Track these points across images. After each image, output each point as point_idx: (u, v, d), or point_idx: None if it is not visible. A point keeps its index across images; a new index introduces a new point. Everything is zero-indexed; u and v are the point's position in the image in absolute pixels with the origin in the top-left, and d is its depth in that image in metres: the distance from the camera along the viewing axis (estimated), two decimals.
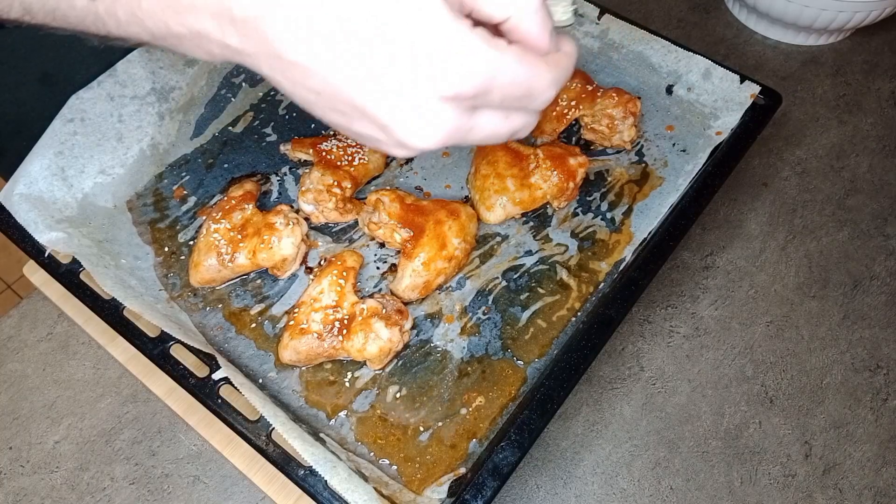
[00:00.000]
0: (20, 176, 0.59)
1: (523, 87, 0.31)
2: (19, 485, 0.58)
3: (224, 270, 0.58)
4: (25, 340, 0.65)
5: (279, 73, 0.31)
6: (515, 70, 0.30)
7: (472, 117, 0.31)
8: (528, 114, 0.34)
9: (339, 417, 0.54)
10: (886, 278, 0.68)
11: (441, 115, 0.30)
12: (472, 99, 0.30)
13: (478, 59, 0.28)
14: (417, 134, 0.30)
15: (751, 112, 0.65)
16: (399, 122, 0.30)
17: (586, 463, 0.59)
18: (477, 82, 0.29)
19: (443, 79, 0.28)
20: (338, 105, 0.31)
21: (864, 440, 0.60)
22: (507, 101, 0.31)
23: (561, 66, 0.33)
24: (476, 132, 0.32)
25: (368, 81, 0.29)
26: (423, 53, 0.28)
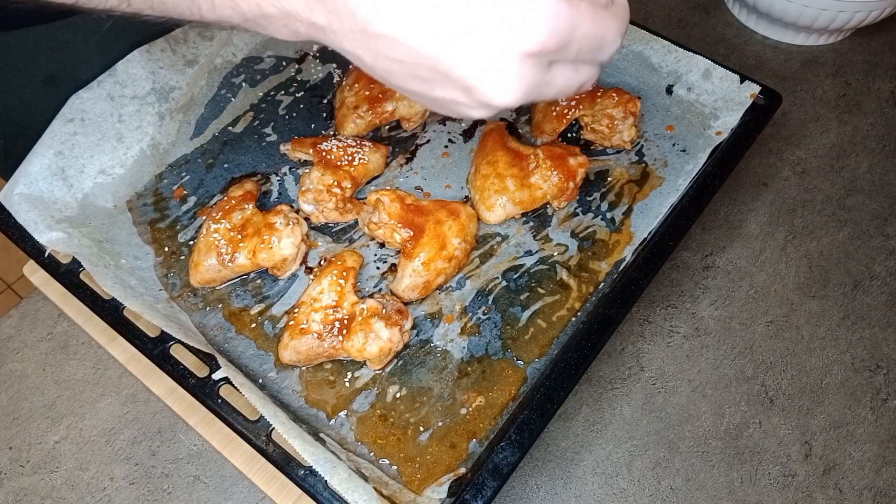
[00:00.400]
0: (20, 176, 0.59)
1: (597, 38, 0.32)
2: (19, 485, 0.58)
3: (224, 270, 0.58)
4: (25, 340, 0.65)
5: (363, 47, 0.32)
6: (590, 23, 0.31)
7: (549, 72, 0.32)
8: (594, 66, 0.35)
9: (339, 417, 0.54)
10: (886, 278, 0.68)
11: (522, 71, 0.31)
12: (552, 54, 0.31)
13: (557, 15, 0.29)
14: (501, 91, 0.31)
15: (751, 112, 0.65)
16: (483, 82, 0.31)
17: (586, 463, 0.59)
18: (558, 37, 0.30)
19: (526, 36, 0.29)
20: (420, 72, 0.32)
21: (864, 440, 0.60)
22: (581, 54, 0.33)
23: (622, 16, 0.34)
24: (551, 86, 0.33)
25: (453, 44, 0.30)
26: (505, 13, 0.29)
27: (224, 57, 0.71)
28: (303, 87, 0.73)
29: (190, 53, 0.68)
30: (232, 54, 0.72)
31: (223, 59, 0.71)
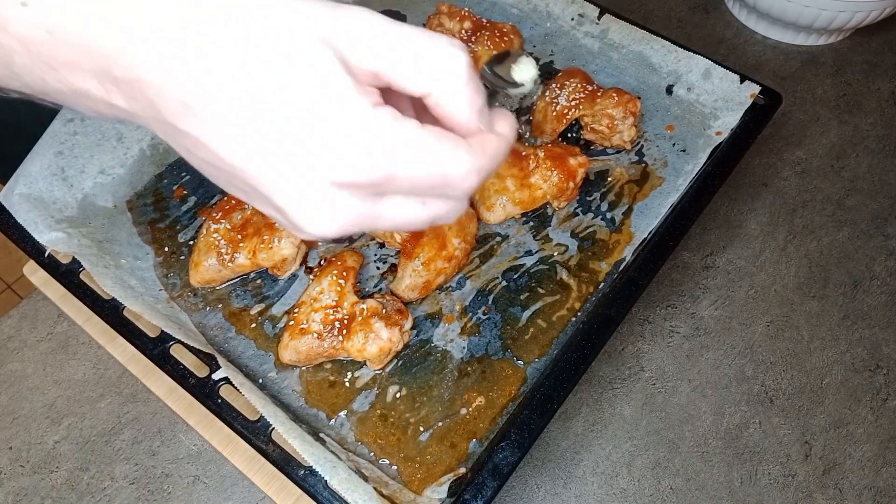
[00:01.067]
0: (20, 176, 0.59)
1: (435, 175, 0.27)
2: (19, 485, 0.58)
3: (224, 270, 0.58)
4: (25, 340, 0.65)
5: (173, 141, 0.28)
6: (422, 157, 0.26)
7: (379, 204, 0.28)
8: (451, 200, 0.30)
9: (339, 417, 0.54)
10: (886, 278, 0.68)
11: (337, 202, 0.26)
12: (374, 187, 0.26)
13: (377, 143, 0.25)
14: (313, 220, 0.27)
15: (751, 112, 0.65)
16: (293, 208, 0.27)
17: (586, 463, 0.59)
18: (375, 169, 0.26)
19: (336, 164, 0.25)
20: (234, 181, 0.28)
21: (864, 440, 0.60)
22: (419, 189, 0.28)
23: (488, 150, 0.29)
24: (386, 219, 0.29)
25: (260, 160, 0.26)
26: (316, 133, 0.25)
27: None
28: None
29: None
30: None
31: None
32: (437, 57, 0.27)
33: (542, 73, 0.35)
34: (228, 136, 0.25)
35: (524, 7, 0.78)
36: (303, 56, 0.25)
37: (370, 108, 0.25)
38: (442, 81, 0.27)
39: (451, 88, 0.27)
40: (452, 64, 0.27)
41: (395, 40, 0.26)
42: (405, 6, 0.80)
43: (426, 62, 0.27)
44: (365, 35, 0.26)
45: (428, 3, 0.80)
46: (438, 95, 0.28)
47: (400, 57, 0.26)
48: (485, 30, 0.72)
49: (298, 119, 0.25)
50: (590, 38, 0.75)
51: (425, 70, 0.27)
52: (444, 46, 0.27)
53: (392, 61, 0.26)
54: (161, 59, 0.24)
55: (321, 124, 0.25)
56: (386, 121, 0.26)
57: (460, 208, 0.31)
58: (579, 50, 0.75)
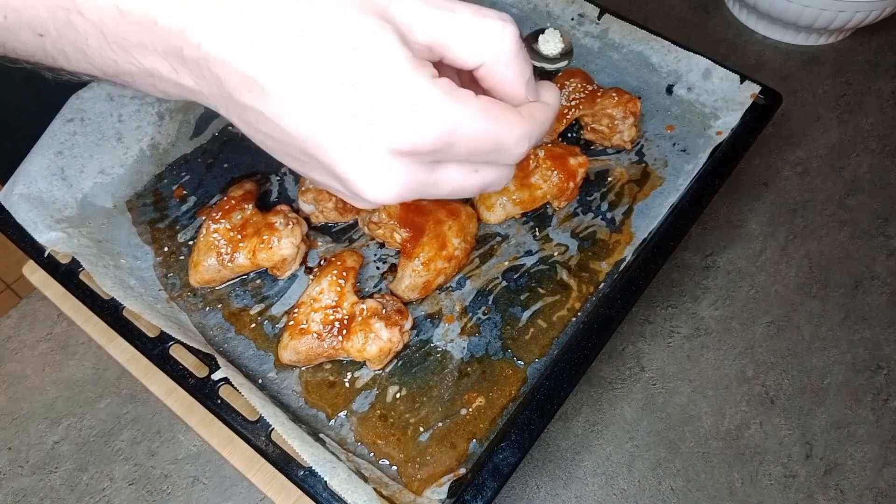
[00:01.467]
0: (20, 176, 0.59)
1: (489, 141, 0.29)
2: (19, 485, 0.58)
3: (224, 270, 0.58)
4: (25, 340, 0.65)
5: (235, 116, 0.29)
6: (479, 124, 0.28)
7: (435, 171, 0.29)
8: (500, 168, 0.32)
9: (338, 418, 0.54)
10: (887, 278, 0.68)
11: (396, 170, 0.28)
12: (432, 154, 0.28)
13: (436, 112, 0.27)
14: (373, 188, 0.28)
15: (751, 112, 0.65)
16: (353, 175, 0.28)
17: (586, 463, 0.59)
18: (434, 137, 0.27)
19: (397, 132, 0.26)
20: (292, 151, 0.29)
21: (866, 440, 0.60)
22: (473, 156, 0.29)
23: (536, 118, 0.31)
24: (441, 186, 0.30)
25: (323, 130, 0.27)
26: (378, 104, 0.26)
27: None
28: None
29: None
30: None
31: None
32: (488, 30, 0.28)
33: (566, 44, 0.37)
34: (293, 109, 0.26)
35: (524, 7, 0.78)
36: (363, 30, 0.26)
37: (427, 78, 0.26)
38: (493, 53, 0.29)
39: (501, 59, 0.29)
40: (502, 36, 0.29)
41: (448, 15, 0.28)
42: None
43: (477, 35, 0.28)
44: (419, 10, 0.27)
45: None
46: (489, 66, 0.29)
47: (453, 31, 0.28)
48: None
49: (360, 91, 0.26)
50: (590, 38, 0.75)
51: (477, 42, 0.28)
52: (494, 20, 0.29)
53: (445, 35, 0.28)
54: (228, 37, 0.25)
55: (382, 95, 0.26)
56: (443, 91, 0.27)
57: (509, 175, 0.33)
58: (579, 50, 0.75)
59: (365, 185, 0.28)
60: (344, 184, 0.29)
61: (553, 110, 0.32)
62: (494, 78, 0.30)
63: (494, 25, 0.29)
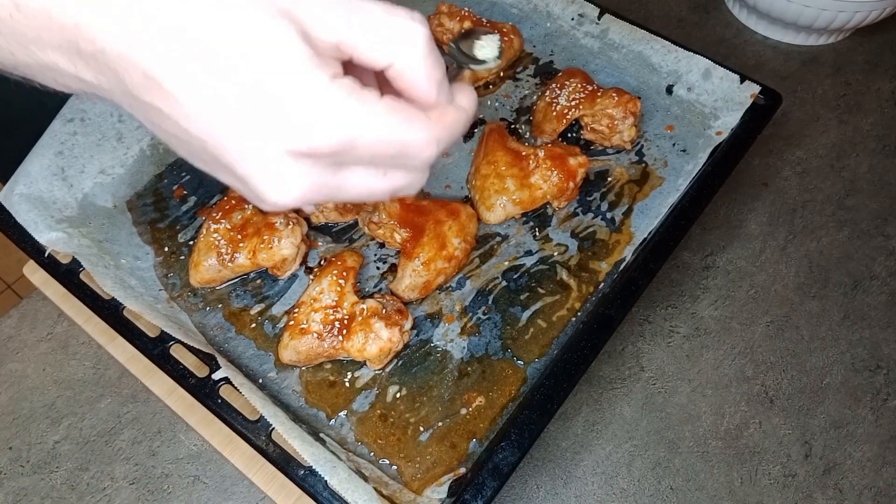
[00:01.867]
0: (20, 176, 0.59)
1: (393, 144, 0.28)
2: (19, 485, 0.58)
3: (224, 270, 0.58)
4: (25, 340, 0.65)
5: (139, 113, 0.28)
6: (381, 127, 0.27)
7: (339, 174, 0.28)
8: (411, 171, 0.31)
9: (339, 417, 0.54)
10: (886, 278, 0.68)
11: (296, 171, 0.27)
12: (332, 156, 0.27)
13: (334, 113, 0.26)
14: (273, 189, 0.27)
15: (751, 112, 0.65)
16: (253, 177, 0.27)
17: (586, 463, 0.59)
18: (332, 139, 0.26)
19: (294, 133, 0.26)
20: (197, 152, 0.28)
21: (865, 440, 0.60)
22: (378, 159, 0.29)
23: (446, 122, 0.30)
24: (347, 189, 0.29)
25: (220, 130, 0.26)
26: (273, 103, 0.25)
27: None
28: None
29: None
30: None
31: None
32: (397, 29, 0.28)
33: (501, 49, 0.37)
34: (190, 107, 0.26)
35: (524, 7, 0.78)
36: (260, 27, 0.25)
37: (327, 78, 0.26)
38: (401, 54, 0.28)
39: (410, 61, 0.28)
40: (412, 37, 0.28)
41: (356, 13, 0.27)
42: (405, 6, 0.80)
43: (386, 35, 0.27)
44: (325, 8, 0.26)
45: (428, 3, 0.80)
46: (398, 67, 0.28)
47: (360, 29, 0.27)
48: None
49: (255, 90, 0.25)
50: (590, 38, 0.75)
51: (385, 42, 0.27)
52: (404, 20, 0.28)
53: (352, 33, 0.27)
54: (124, 32, 0.25)
55: (278, 94, 0.25)
56: (344, 91, 0.26)
57: (421, 180, 0.32)
58: (579, 50, 0.75)
59: (265, 187, 0.27)
60: (245, 185, 0.28)
61: (467, 114, 0.31)
62: (403, 79, 0.29)
63: (403, 24, 0.28)
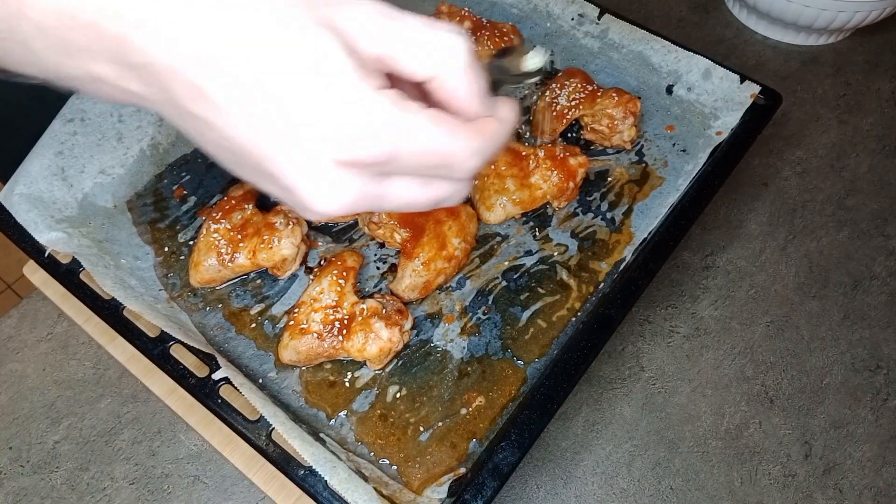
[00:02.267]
0: (20, 176, 0.59)
1: (437, 155, 0.28)
2: (19, 485, 0.58)
3: (224, 270, 0.58)
4: (25, 340, 0.65)
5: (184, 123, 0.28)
6: (426, 137, 0.27)
7: (383, 184, 0.29)
8: (452, 182, 0.31)
9: (339, 417, 0.54)
10: (886, 278, 0.68)
11: (342, 181, 0.27)
12: (377, 166, 0.27)
13: (379, 124, 0.26)
14: (319, 199, 0.28)
15: (751, 112, 0.65)
16: (299, 186, 0.27)
17: (586, 463, 0.59)
18: (377, 149, 0.26)
19: (340, 143, 0.26)
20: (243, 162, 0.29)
21: (865, 440, 0.60)
22: (421, 170, 0.29)
23: (488, 133, 0.30)
24: (390, 199, 0.30)
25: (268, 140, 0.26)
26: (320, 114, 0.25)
27: None
28: None
29: None
30: None
31: None
32: (439, 42, 0.28)
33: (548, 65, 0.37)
34: (237, 118, 0.26)
35: (524, 7, 0.78)
36: (305, 39, 0.25)
37: (372, 89, 0.26)
38: (443, 66, 0.28)
39: (452, 73, 0.28)
40: (453, 49, 0.28)
41: (398, 26, 0.28)
42: (405, 6, 0.80)
43: (428, 47, 0.28)
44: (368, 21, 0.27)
45: (428, 3, 0.80)
46: (441, 79, 0.29)
47: (403, 42, 0.28)
48: (485, 30, 0.72)
49: (302, 100, 0.25)
50: (590, 38, 0.75)
51: (427, 55, 0.28)
52: (446, 32, 0.28)
53: (395, 46, 0.27)
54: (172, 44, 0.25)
55: (324, 105, 0.25)
56: (388, 102, 0.26)
57: (463, 191, 0.32)
58: (579, 50, 0.75)
59: (311, 197, 0.28)
60: (291, 195, 0.28)
61: (508, 126, 0.31)
62: (445, 91, 0.29)
63: (446, 38, 0.28)
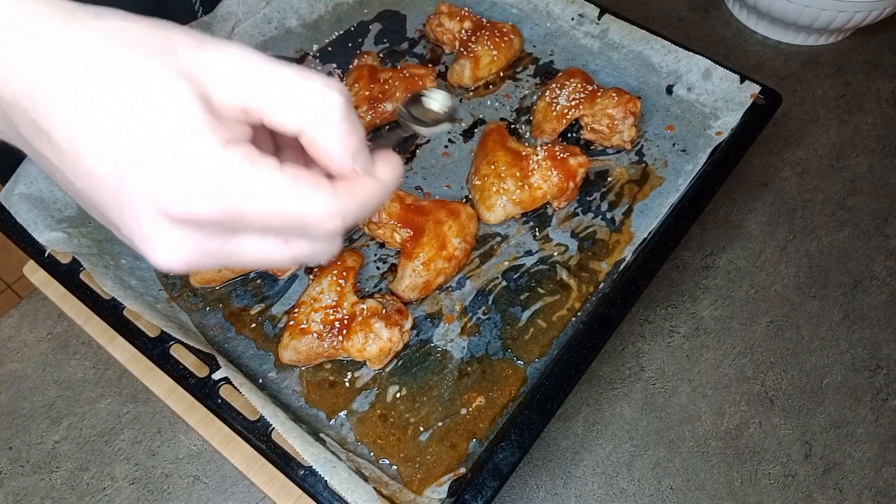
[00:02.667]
0: (20, 176, 0.59)
1: (288, 216, 0.26)
2: (19, 485, 0.58)
3: (224, 270, 0.58)
4: (25, 340, 0.65)
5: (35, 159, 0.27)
6: (273, 198, 0.25)
7: (231, 241, 0.27)
8: (316, 241, 0.28)
9: (339, 417, 0.54)
10: (886, 278, 0.68)
11: (178, 237, 0.25)
12: (217, 224, 0.25)
13: (221, 181, 0.24)
14: (156, 254, 0.26)
15: (751, 112, 0.65)
16: (135, 239, 0.26)
17: (586, 463, 0.59)
18: (214, 207, 0.24)
19: (174, 199, 0.24)
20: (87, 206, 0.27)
21: (865, 440, 0.60)
22: (274, 229, 0.27)
23: (357, 194, 0.28)
24: (242, 255, 0.28)
25: (105, 188, 0.25)
26: (157, 166, 0.24)
27: None
28: None
29: None
30: None
31: None
32: (309, 95, 0.26)
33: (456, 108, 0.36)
34: (75, 162, 0.25)
35: (524, 7, 0.78)
36: (153, 85, 0.24)
37: (219, 143, 0.24)
38: (313, 121, 0.26)
39: (322, 129, 0.27)
40: (325, 103, 0.26)
41: (265, 76, 0.26)
42: (405, 6, 0.80)
43: (297, 100, 0.26)
44: (231, 69, 0.25)
45: (428, 2, 0.80)
46: (310, 136, 0.27)
47: (269, 94, 0.26)
48: (485, 30, 0.72)
49: (140, 149, 0.24)
50: (590, 38, 0.75)
51: (296, 108, 0.26)
52: (317, 85, 0.26)
53: (260, 98, 0.26)
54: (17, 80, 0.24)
55: (162, 156, 0.24)
56: (237, 157, 0.25)
57: (330, 249, 0.30)
58: (579, 50, 0.75)
59: (148, 252, 0.26)
60: (134, 245, 0.27)
61: (384, 186, 0.29)
62: (315, 147, 0.27)
63: (316, 91, 0.26)
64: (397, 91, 0.68)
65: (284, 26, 0.75)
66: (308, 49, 0.76)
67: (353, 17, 0.79)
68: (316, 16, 0.77)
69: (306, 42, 0.76)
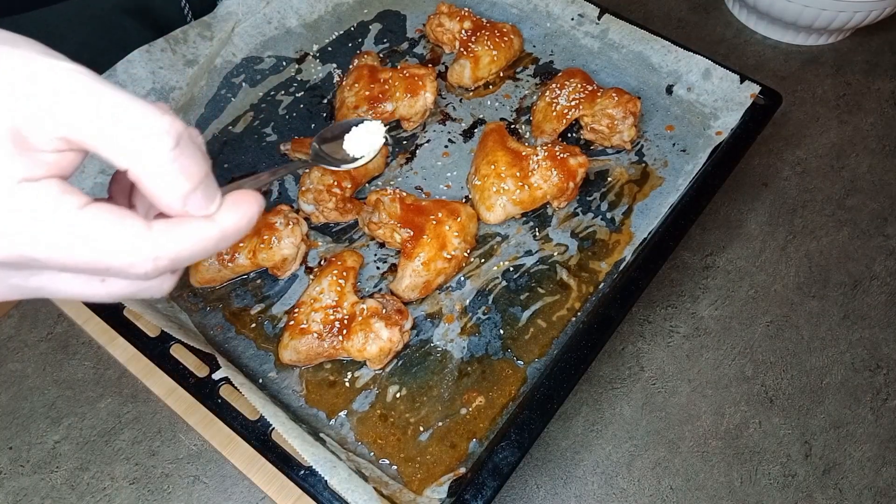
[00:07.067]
0: None
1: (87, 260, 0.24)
2: (19, 485, 0.58)
3: (224, 270, 0.58)
4: (25, 340, 0.65)
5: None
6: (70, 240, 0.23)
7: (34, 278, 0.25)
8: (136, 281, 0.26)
9: (339, 417, 0.54)
10: (886, 278, 0.68)
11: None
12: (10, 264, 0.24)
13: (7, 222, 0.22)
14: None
15: (751, 112, 0.65)
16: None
17: (586, 463, 0.59)
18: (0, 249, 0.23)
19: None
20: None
21: (864, 440, 0.60)
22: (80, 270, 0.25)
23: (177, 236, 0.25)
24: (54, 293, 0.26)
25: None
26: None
27: (224, 57, 0.71)
28: (303, 87, 0.73)
29: (190, 53, 0.68)
30: (232, 54, 0.72)
31: (223, 59, 0.71)
32: (132, 132, 0.23)
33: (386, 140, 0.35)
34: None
35: (524, 7, 0.78)
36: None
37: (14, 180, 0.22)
38: (137, 158, 0.24)
39: (147, 167, 0.24)
40: (152, 140, 0.23)
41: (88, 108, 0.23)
42: (405, 6, 0.80)
43: (124, 134, 0.23)
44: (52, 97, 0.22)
45: (428, 2, 0.80)
46: (136, 173, 0.24)
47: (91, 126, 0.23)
48: (485, 30, 0.72)
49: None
50: (590, 38, 0.75)
51: (121, 143, 0.23)
52: (147, 119, 0.23)
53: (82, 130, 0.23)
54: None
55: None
56: (31, 196, 0.23)
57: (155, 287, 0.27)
58: (579, 50, 0.75)
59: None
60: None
61: (221, 231, 0.26)
62: (142, 185, 0.24)
63: (143, 125, 0.23)
64: (397, 91, 0.68)
65: (284, 26, 0.75)
66: (308, 49, 0.76)
67: (353, 17, 0.79)
68: (316, 16, 0.77)
69: (306, 42, 0.76)
